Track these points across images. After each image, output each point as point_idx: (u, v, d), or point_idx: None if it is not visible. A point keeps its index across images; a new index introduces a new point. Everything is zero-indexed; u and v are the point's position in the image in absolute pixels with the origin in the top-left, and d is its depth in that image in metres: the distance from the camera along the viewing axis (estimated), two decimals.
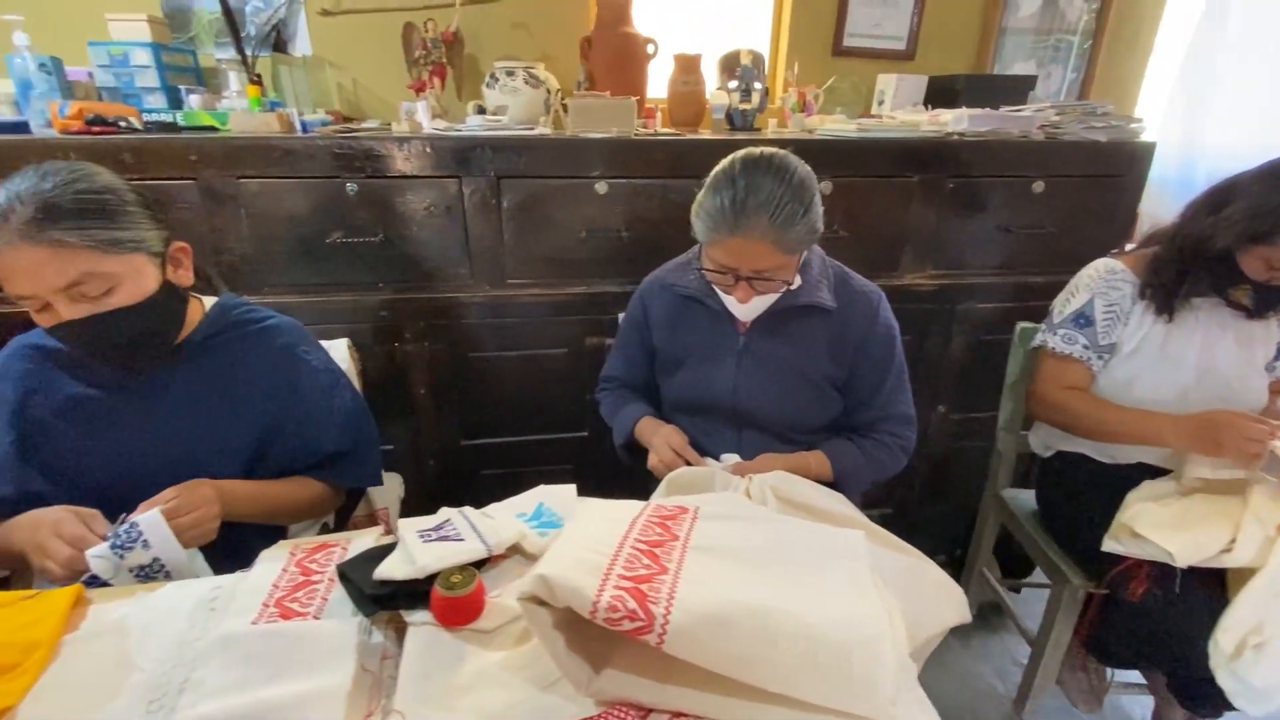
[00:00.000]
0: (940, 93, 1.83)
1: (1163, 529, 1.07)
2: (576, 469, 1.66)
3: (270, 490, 0.94)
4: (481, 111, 1.54)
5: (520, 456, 1.62)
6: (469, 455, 1.60)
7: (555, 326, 1.51)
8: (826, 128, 1.58)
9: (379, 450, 1.08)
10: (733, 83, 1.73)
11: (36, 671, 0.62)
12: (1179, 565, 1.04)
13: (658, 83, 1.81)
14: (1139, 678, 1.39)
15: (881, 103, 1.85)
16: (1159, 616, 1.09)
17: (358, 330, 1.40)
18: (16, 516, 0.82)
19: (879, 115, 1.77)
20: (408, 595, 0.63)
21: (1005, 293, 1.63)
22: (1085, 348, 1.23)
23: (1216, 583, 1.09)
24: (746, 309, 1.00)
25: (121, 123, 1.30)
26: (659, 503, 0.70)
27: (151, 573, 0.77)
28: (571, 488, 0.83)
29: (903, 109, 1.76)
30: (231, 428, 0.93)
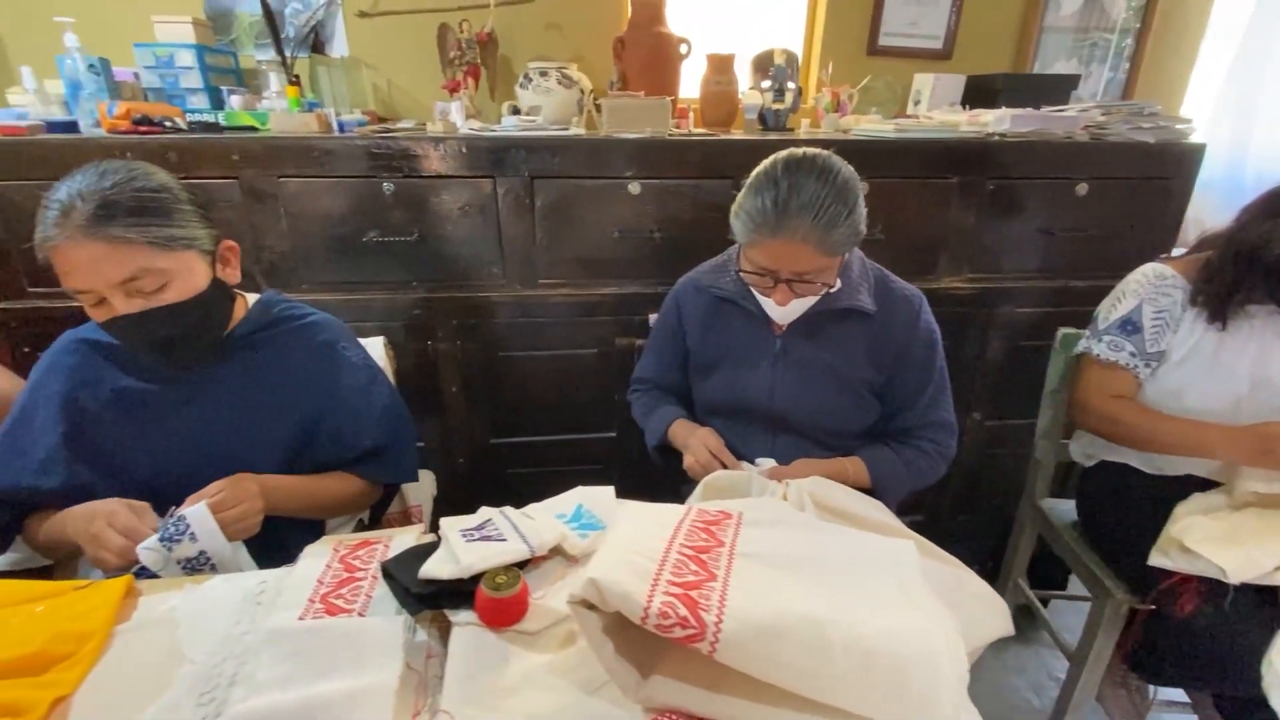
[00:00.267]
0: (978, 92, 1.79)
1: (1215, 543, 1.04)
2: (604, 469, 1.66)
3: (311, 485, 0.95)
4: (516, 112, 1.55)
5: (549, 456, 1.63)
6: (498, 454, 1.60)
7: (586, 327, 1.51)
8: (862, 128, 1.56)
9: (415, 447, 1.09)
10: (766, 82, 1.71)
11: (91, 661, 0.63)
12: (1231, 581, 1.00)
13: (689, 83, 1.80)
14: (1182, 696, 1.34)
15: (918, 103, 1.82)
16: (1209, 634, 1.05)
17: (391, 328, 1.41)
18: (70, 508, 0.84)
19: (915, 115, 1.74)
20: (452, 595, 0.63)
21: (1045, 297, 1.59)
22: (1132, 355, 1.20)
23: (1270, 600, 1.05)
24: (785, 312, 0.99)
25: (167, 123, 1.33)
26: (701, 507, 0.69)
27: (198, 565, 0.78)
28: (610, 489, 0.82)
29: (940, 109, 1.73)
30: (273, 421, 0.94)
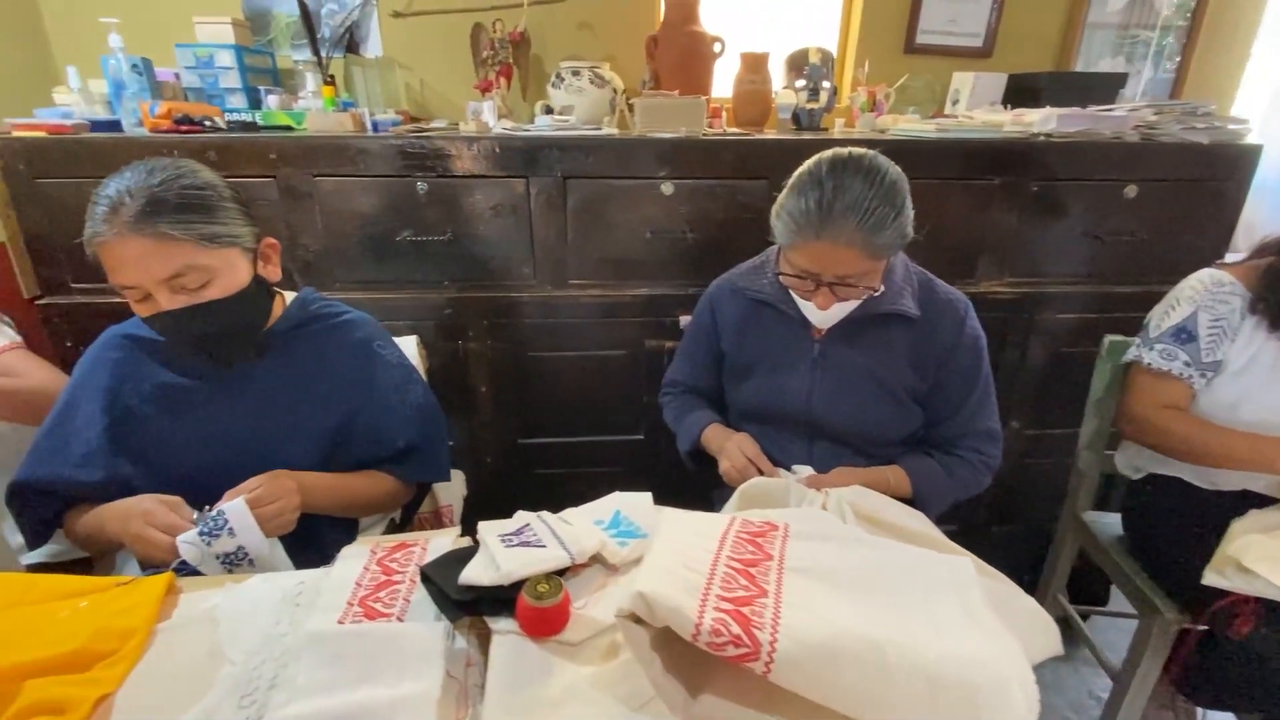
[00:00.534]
0: (1019, 92, 1.75)
1: (1275, 563, 0.99)
2: (630, 472, 1.64)
3: (346, 483, 0.95)
4: (549, 111, 1.54)
5: (576, 457, 1.62)
6: (526, 454, 1.60)
7: (615, 328, 1.49)
8: (902, 127, 1.52)
9: (448, 446, 1.09)
10: (800, 81, 1.69)
11: (133, 659, 0.63)
12: None
13: (721, 82, 1.78)
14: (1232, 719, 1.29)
15: (956, 102, 1.78)
16: (1267, 657, 1.00)
17: (422, 327, 1.41)
18: (105, 505, 0.85)
19: (954, 115, 1.69)
20: (491, 601, 0.62)
21: (1089, 303, 1.54)
22: (1186, 364, 1.15)
23: None
24: (826, 316, 0.96)
25: (206, 122, 1.34)
26: (745, 518, 0.67)
27: (236, 560, 0.78)
28: (647, 496, 0.81)
29: (980, 108, 1.69)
30: (310, 418, 0.95)
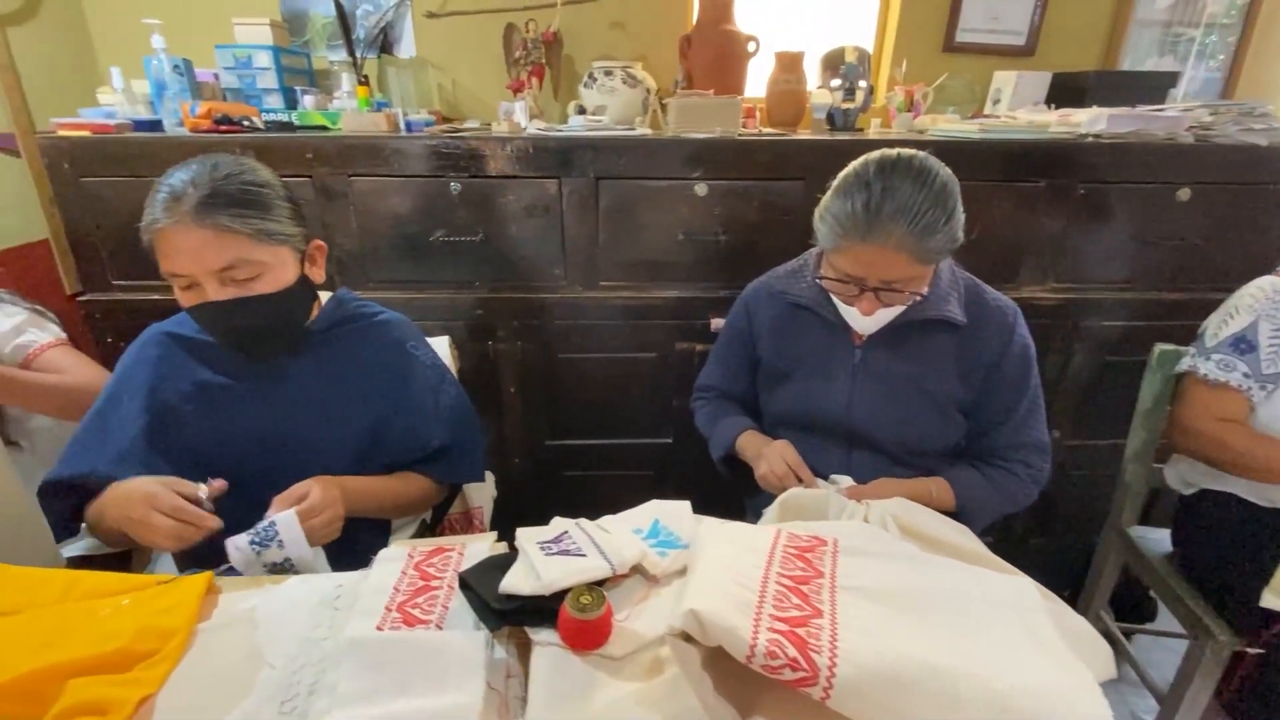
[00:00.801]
0: (1062, 91, 1.69)
1: None
2: (658, 475, 1.63)
3: (384, 486, 0.95)
4: (582, 112, 1.53)
5: (603, 459, 1.60)
6: (553, 455, 1.59)
7: (645, 330, 1.48)
8: (942, 127, 1.48)
9: (482, 447, 1.08)
10: (835, 81, 1.66)
11: (174, 659, 0.63)
12: None
13: (754, 82, 1.76)
14: None
15: (997, 101, 1.73)
16: None
17: (453, 327, 1.41)
18: (104, 493, 0.82)
19: (995, 115, 1.65)
20: (532, 611, 0.61)
21: (1137, 310, 1.48)
22: (1245, 376, 1.10)
23: None
24: (869, 322, 0.93)
25: (245, 122, 1.35)
26: (791, 531, 0.65)
27: (282, 569, 0.78)
28: (686, 504, 0.79)
29: (1022, 108, 1.64)
30: (345, 417, 0.94)
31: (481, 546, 0.75)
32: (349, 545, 0.88)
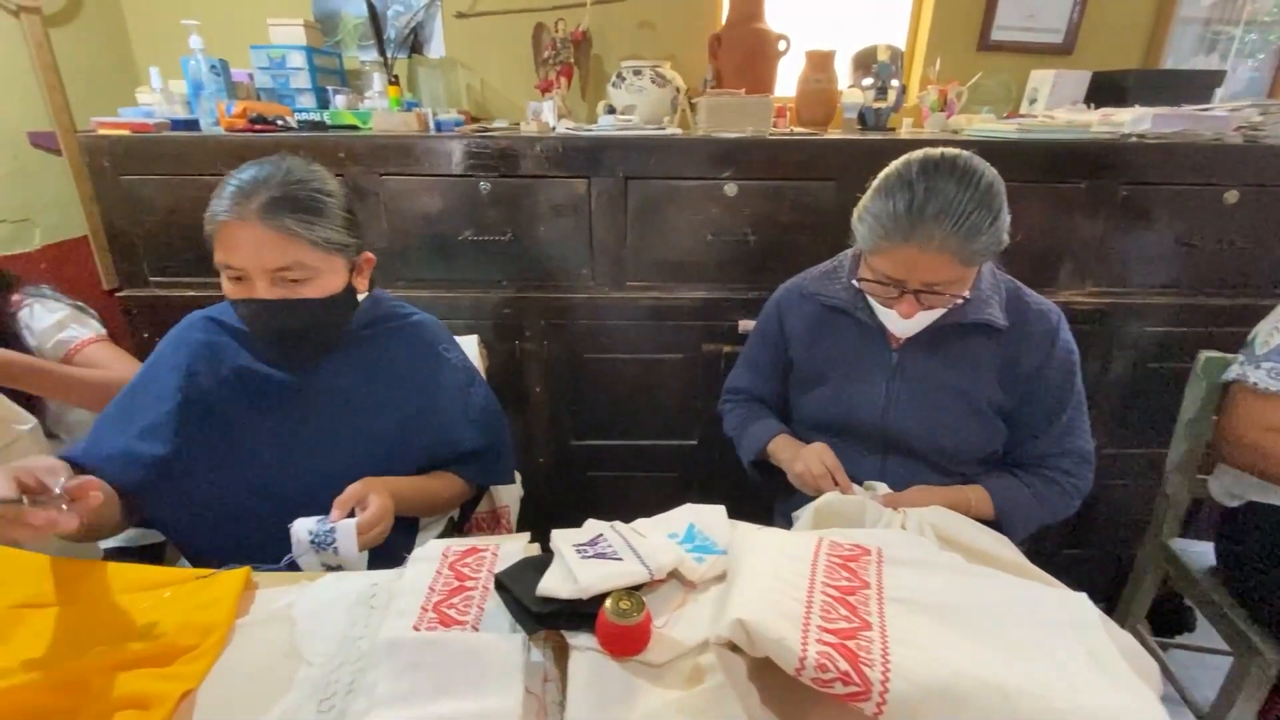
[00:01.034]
0: (1101, 90, 1.65)
1: None
2: (683, 477, 1.61)
3: (424, 487, 0.96)
4: (611, 111, 1.52)
5: (628, 460, 1.60)
6: (578, 456, 1.59)
7: (672, 331, 1.47)
8: (978, 127, 1.45)
9: (511, 448, 1.08)
10: (867, 80, 1.63)
11: (214, 654, 0.63)
12: None
13: (784, 81, 1.74)
14: None
15: (1033, 101, 1.69)
16: None
17: (480, 327, 1.41)
18: None
19: (1032, 114, 1.61)
20: (570, 615, 0.60)
21: (1180, 316, 1.44)
22: None
23: None
24: (909, 325, 0.91)
25: (278, 121, 1.37)
26: (832, 539, 0.64)
27: (327, 568, 0.78)
28: (721, 509, 0.78)
29: (1060, 108, 1.60)
30: (376, 416, 0.95)
31: (515, 547, 0.74)
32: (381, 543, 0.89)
